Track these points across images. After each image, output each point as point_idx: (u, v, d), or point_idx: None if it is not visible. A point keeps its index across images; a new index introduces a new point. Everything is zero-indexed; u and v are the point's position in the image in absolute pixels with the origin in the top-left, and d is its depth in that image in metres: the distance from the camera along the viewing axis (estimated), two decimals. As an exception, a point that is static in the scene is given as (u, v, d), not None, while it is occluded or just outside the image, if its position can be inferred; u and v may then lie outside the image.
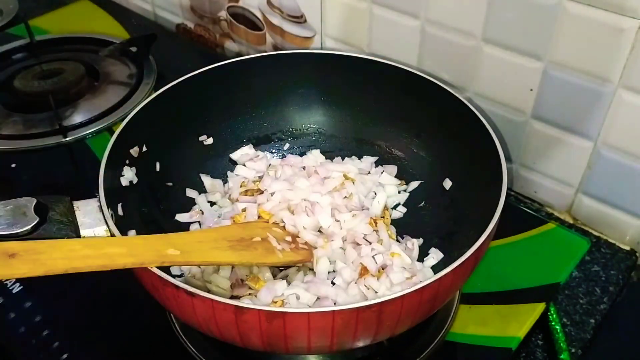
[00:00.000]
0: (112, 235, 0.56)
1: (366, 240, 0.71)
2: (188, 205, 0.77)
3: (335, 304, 0.64)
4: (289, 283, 0.66)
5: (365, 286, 0.65)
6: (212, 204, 0.78)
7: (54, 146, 0.93)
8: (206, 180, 0.80)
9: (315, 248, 0.69)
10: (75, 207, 0.57)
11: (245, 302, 0.51)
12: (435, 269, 0.69)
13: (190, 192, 0.78)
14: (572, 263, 0.76)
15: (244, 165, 0.82)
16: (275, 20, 1.03)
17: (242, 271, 0.67)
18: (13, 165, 0.90)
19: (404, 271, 0.66)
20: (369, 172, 0.81)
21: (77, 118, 0.97)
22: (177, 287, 0.51)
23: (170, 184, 0.76)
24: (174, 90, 0.75)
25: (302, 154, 0.84)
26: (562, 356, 0.67)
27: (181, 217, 0.76)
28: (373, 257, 0.68)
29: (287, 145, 0.85)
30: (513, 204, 0.84)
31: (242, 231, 0.66)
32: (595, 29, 0.67)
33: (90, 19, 1.23)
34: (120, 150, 0.68)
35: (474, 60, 0.79)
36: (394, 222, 0.76)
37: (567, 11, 0.68)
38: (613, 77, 0.69)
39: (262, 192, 0.76)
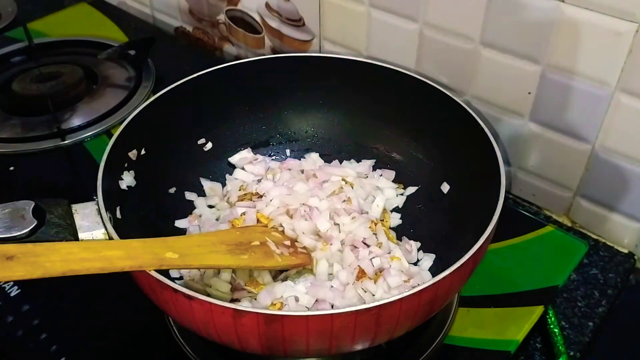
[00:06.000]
0: (111, 238, 0.56)
1: (365, 243, 0.71)
2: (187, 208, 0.77)
3: (332, 306, 0.64)
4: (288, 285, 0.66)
5: (363, 289, 0.65)
6: (210, 207, 0.78)
7: (53, 149, 0.93)
8: (205, 183, 0.80)
9: (314, 251, 0.69)
10: (73, 210, 0.57)
11: (243, 305, 0.51)
12: (433, 272, 0.69)
13: (189, 195, 0.78)
14: (571, 266, 0.76)
15: (243, 168, 0.82)
16: (274, 23, 1.03)
17: (241, 275, 0.67)
18: (11, 168, 0.90)
19: (401, 274, 0.66)
20: (367, 176, 0.81)
21: (76, 121, 0.97)
22: (175, 290, 0.50)
23: (168, 187, 0.76)
24: (173, 94, 0.75)
25: (300, 157, 0.84)
26: (560, 359, 0.67)
27: (180, 221, 0.75)
28: (371, 260, 0.68)
29: (285, 149, 0.85)
30: (511, 207, 0.84)
31: (241, 235, 0.65)
32: (592, 33, 0.67)
33: (88, 22, 1.23)
34: (118, 154, 0.68)
35: (472, 63, 0.80)
36: (392, 226, 0.76)
37: (565, 14, 0.68)
38: (611, 80, 0.69)
39: (260, 197, 0.76)
